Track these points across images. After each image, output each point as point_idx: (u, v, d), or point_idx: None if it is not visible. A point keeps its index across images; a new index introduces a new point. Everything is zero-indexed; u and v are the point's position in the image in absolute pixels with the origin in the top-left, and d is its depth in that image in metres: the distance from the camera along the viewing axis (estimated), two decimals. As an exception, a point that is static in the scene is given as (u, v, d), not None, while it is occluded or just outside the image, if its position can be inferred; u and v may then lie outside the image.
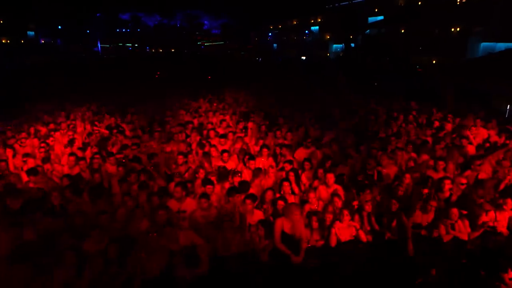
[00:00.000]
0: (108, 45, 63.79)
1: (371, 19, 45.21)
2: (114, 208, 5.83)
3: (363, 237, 5.35)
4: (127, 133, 10.24)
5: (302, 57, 51.98)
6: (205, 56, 51.95)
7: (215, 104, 14.95)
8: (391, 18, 40.48)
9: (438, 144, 8.86)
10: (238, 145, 8.90)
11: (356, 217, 5.66)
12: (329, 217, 5.53)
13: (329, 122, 11.38)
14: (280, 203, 5.68)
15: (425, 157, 8.18)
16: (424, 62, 34.29)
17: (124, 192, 6.21)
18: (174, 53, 59.96)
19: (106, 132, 9.99)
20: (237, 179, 6.80)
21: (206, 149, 8.59)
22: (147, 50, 66.66)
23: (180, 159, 7.60)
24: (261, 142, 9.11)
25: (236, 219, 5.47)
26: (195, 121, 11.67)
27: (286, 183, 6.41)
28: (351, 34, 44.24)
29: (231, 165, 7.82)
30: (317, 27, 59.37)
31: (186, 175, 7.24)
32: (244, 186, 6.25)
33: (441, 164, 7.42)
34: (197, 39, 71.18)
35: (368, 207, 5.70)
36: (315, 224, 5.37)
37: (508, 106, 15.99)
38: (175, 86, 20.89)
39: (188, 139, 9.38)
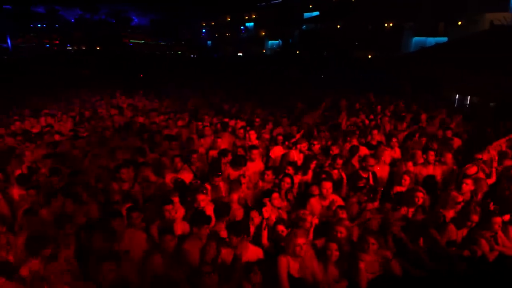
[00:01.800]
0: (21, 41, 56.20)
1: (307, 15, 45.30)
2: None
3: (397, 269, 3.87)
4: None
5: (239, 54, 50.61)
6: (134, 53, 48.06)
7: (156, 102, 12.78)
8: (326, 14, 40.79)
9: (423, 137, 7.91)
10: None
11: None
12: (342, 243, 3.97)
13: (293, 117, 9.97)
14: (280, 228, 4.01)
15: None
16: (360, 57, 34.92)
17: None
18: (100, 51, 54.73)
19: (11, 140, 7.44)
20: (202, 198, 4.91)
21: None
22: (68, 47, 60.17)
23: (124, 173, 5.48)
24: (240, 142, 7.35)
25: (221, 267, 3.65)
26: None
27: (275, 195, 4.77)
28: (287, 30, 43.98)
29: (188, 177, 5.93)
30: (252, 24, 58.46)
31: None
32: (222, 209, 4.42)
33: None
34: (125, 35, 66.11)
35: (396, 228, 4.23)
36: (334, 255, 3.74)
37: (457, 95, 16.11)
38: (103, 85, 18.05)
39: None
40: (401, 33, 31.55)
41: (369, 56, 35.17)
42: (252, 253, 3.80)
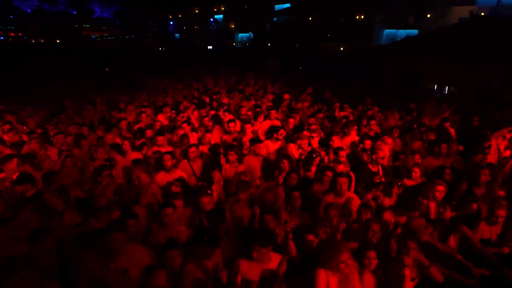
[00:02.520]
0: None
1: (278, 7, 44.86)
2: None
3: (438, 275, 3.43)
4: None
5: (209, 47, 49.46)
6: (98, 47, 45.73)
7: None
8: (298, 6, 40.53)
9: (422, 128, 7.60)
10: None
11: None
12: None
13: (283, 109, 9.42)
14: (310, 239, 3.45)
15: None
16: (332, 49, 34.98)
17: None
18: (60, 44, 51.53)
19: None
20: (206, 201, 4.26)
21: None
22: (25, 40, 56.36)
23: (104, 177, 4.72)
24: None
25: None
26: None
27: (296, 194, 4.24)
28: (258, 22, 43.39)
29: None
30: (221, 16, 57.34)
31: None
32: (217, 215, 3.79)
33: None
34: (87, 28, 62.84)
35: (426, 236, 3.76)
36: (373, 264, 3.23)
37: (436, 85, 16.20)
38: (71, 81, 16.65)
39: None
40: (372, 25, 31.81)
41: (341, 48, 35.34)
42: (275, 263, 3.25)
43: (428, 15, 28.83)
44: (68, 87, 13.76)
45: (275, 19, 41.79)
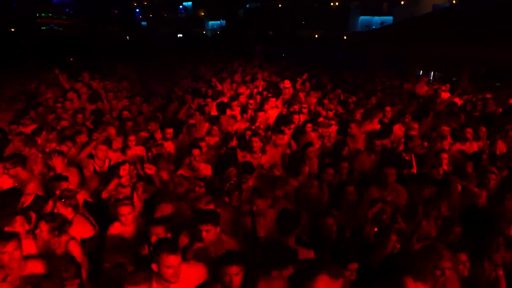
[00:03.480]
0: None
1: (250, -7, 43.83)
2: None
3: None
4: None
5: (179, 35, 47.76)
6: (57, 36, 42.70)
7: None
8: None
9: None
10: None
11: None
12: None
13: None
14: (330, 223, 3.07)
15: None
16: (307, 36, 34.64)
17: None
18: (11, 33, 47.69)
19: None
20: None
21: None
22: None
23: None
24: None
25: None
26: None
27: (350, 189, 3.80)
28: (229, 9, 42.25)
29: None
30: (190, 3, 55.49)
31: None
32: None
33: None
34: (44, 14, 58.81)
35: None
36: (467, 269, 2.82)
37: (421, 71, 16.26)
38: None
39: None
40: (347, 12, 31.75)
41: (316, 36, 35.07)
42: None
43: (402, 2, 29.08)
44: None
45: (247, 5, 40.77)
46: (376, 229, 3.72)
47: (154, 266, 2.64)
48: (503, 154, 5.78)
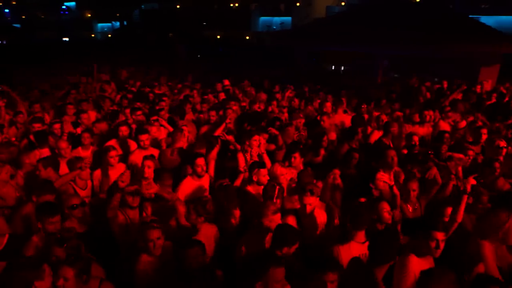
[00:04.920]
0: None
1: (144, -6, 41.74)
2: None
3: None
4: None
5: (65, 39, 43.01)
6: None
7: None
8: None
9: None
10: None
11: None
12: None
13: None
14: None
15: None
16: (209, 37, 34.55)
17: None
18: None
19: None
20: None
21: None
22: None
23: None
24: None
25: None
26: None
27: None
28: (122, 10, 39.64)
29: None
30: (74, 3, 50.40)
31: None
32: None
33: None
34: None
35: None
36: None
37: (333, 66, 17.67)
38: None
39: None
40: (249, 13, 32.62)
41: (218, 37, 35.23)
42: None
43: (298, 4, 31.08)
44: None
45: (142, 6, 38.77)
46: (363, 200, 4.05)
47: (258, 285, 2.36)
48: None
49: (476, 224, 3.43)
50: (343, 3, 29.10)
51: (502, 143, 5.16)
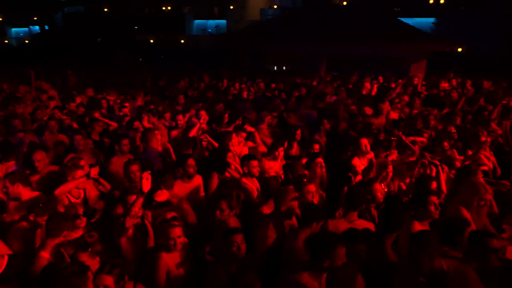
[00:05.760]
0: None
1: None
2: None
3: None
4: None
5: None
6: None
7: None
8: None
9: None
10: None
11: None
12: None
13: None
14: None
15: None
16: (142, 41, 33.45)
17: None
18: None
19: None
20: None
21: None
22: None
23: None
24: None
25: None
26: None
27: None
28: (40, 14, 36.70)
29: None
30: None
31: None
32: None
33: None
34: None
35: None
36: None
37: (275, 66, 18.30)
38: None
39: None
40: (183, 16, 32.26)
41: (151, 41, 34.24)
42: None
43: (231, 7, 31.49)
44: None
45: (66, 9, 36.26)
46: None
47: None
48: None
49: (454, 191, 3.99)
50: (275, 6, 30.13)
51: (453, 129, 5.99)
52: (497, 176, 5.46)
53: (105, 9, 37.28)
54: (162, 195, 3.63)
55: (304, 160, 5.02)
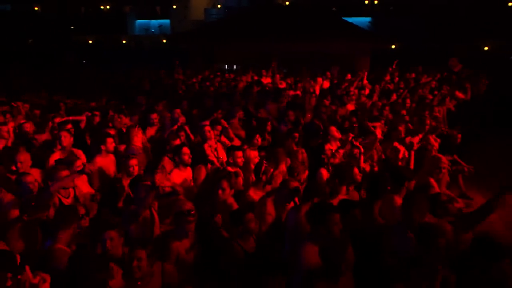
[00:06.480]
0: None
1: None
2: None
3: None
4: None
5: None
6: None
7: None
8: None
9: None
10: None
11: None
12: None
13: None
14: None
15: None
16: (80, 42, 31.70)
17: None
18: None
19: None
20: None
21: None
22: None
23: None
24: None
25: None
26: None
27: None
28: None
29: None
30: None
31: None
32: None
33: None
34: None
35: None
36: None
37: (226, 65, 18.53)
38: None
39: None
40: (124, 16, 31.15)
41: (90, 41, 32.57)
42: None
43: (174, 6, 31.04)
44: None
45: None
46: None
47: None
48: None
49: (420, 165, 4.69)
50: (219, 6, 30.29)
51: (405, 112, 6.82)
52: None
53: (36, 8, 34.75)
54: (167, 181, 3.85)
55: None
